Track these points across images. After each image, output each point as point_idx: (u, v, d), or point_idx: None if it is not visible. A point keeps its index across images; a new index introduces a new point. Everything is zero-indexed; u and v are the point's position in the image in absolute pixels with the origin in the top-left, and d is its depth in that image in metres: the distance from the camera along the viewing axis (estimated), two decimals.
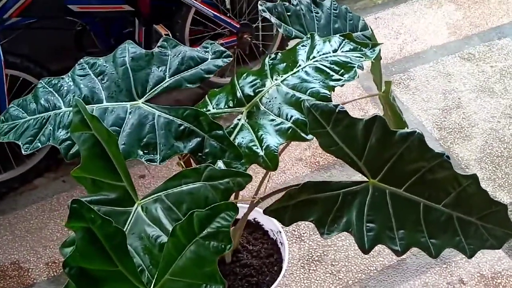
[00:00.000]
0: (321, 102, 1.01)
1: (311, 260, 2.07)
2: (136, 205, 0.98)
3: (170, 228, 0.93)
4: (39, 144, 1.10)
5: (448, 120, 2.57)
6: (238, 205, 1.47)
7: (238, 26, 2.37)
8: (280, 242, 1.76)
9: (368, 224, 0.99)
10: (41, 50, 2.31)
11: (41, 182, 2.35)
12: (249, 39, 2.43)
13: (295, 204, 1.02)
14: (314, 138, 1.06)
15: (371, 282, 2.00)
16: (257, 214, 1.83)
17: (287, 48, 2.66)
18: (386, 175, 1.00)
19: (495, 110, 2.62)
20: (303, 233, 2.15)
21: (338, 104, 1.00)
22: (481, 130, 2.52)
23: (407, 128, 1.39)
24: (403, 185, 1.00)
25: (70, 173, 0.98)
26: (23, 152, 1.11)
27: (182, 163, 1.25)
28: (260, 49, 2.68)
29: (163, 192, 0.97)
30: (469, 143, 2.47)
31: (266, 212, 1.04)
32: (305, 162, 2.40)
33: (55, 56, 2.46)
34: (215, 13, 2.29)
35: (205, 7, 2.26)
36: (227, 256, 1.71)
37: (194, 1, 2.21)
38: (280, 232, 1.76)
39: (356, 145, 0.99)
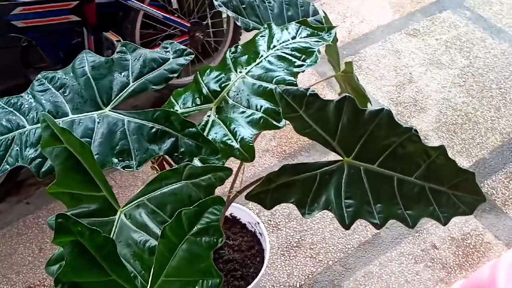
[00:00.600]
0: (291, 87, 1.02)
1: (290, 246, 2.10)
2: (119, 213, 0.96)
3: (157, 231, 0.92)
4: (7, 166, 1.06)
5: (403, 95, 2.66)
6: None
7: (188, 25, 2.36)
8: (259, 233, 1.78)
9: (346, 201, 1.02)
10: None
11: (4, 207, 2.26)
12: (201, 36, 2.42)
13: (275, 188, 1.03)
14: (279, 129, 1.08)
15: (351, 259, 2.05)
16: (233, 209, 1.84)
17: (239, 41, 2.68)
18: (359, 153, 1.03)
19: (445, 80, 2.73)
20: (279, 222, 2.17)
21: (309, 88, 1.02)
22: (434, 101, 2.62)
23: (370, 104, 1.43)
24: (376, 161, 1.03)
25: (46, 190, 0.95)
26: None
27: (156, 166, 1.24)
28: (213, 45, 2.68)
29: (145, 196, 0.96)
30: (425, 114, 2.57)
31: (248, 197, 1.06)
32: (272, 152, 2.43)
33: (2, 76, 2.37)
34: (164, 14, 2.26)
35: (153, 9, 2.23)
36: None
37: (142, 5, 2.18)
38: (258, 223, 1.77)
39: (328, 126, 1.01)
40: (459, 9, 3.14)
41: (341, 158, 1.05)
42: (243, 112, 1.17)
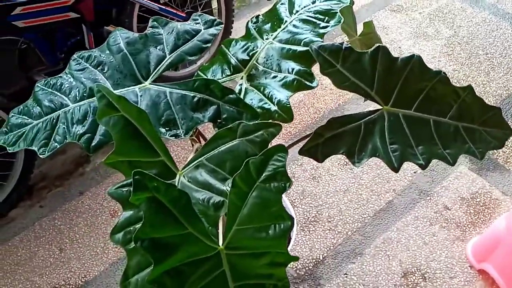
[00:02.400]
0: (327, 43, 1.07)
1: (308, 222, 2.14)
2: (178, 175, 0.99)
3: (220, 186, 0.95)
4: (56, 144, 1.07)
5: None
6: None
7: (184, 15, 2.38)
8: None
9: (391, 146, 1.07)
10: None
11: (18, 213, 2.24)
12: None
13: (324, 141, 1.07)
14: (312, 89, 1.12)
15: (368, 228, 2.11)
16: None
17: (231, 30, 2.71)
18: (396, 100, 1.09)
19: (433, 51, 2.82)
20: (294, 199, 2.22)
21: (343, 42, 1.07)
22: None
23: None
24: (412, 106, 1.09)
25: (103, 162, 0.97)
26: (39, 155, 1.08)
27: (195, 138, 1.27)
28: None
29: (203, 156, 0.99)
30: None
31: (301, 152, 1.10)
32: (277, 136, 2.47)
33: (7, 80, 2.35)
34: (160, 6, 2.28)
35: (148, 2, 2.25)
36: None
37: None
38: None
39: (365, 76, 1.06)
40: None
41: (381, 107, 1.10)
42: (275, 76, 1.21)
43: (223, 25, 1.23)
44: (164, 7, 2.30)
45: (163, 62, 1.15)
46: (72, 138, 1.07)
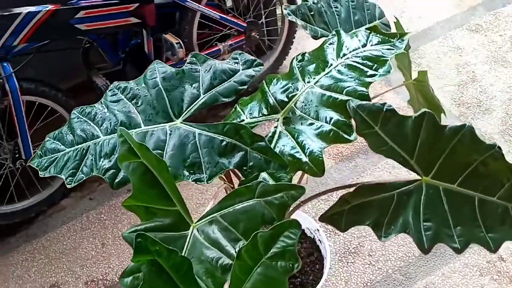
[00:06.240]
0: (366, 102, 0.99)
1: (348, 252, 2.06)
2: (191, 228, 0.97)
3: (230, 248, 0.92)
4: (82, 175, 1.09)
5: (466, 95, 2.55)
6: None
7: (245, 25, 2.35)
8: (319, 240, 1.75)
9: (425, 223, 0.98)
10: (52, 71, 2.30)
11: (69, 203, 2.34)
12: (257, 36, 2.40)
13: (350, 209, 1.00)
14: (350, 142, 1.05)
15: (411, 269, 2.00)
16: (294, 214, 1.82)
17: (294, 40, 2.64)
18: (439, 171, 0.99)
19: (511, 80, 2.60)
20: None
21: (385, 103, 0.99)
22: (500, 101, 2.50)
23: (444, 114, 1.37)
24: (456, 180, 0.99)
25: (122, 204, 0.97)
26: (67, 185, 1.10)
27: (224, 177, 1.24)
28: (266, 44, 2.66)
29: (218, 213, 0.96)
30: (490, 116, 2.45)
31: (322, 219, 1.04)
32: (327, 154, 2.39)
33: (66, 75, 2.45)
34: (221, 14, 2.26)
35: (210, 10, 2.23)
36: None
37: (199, 6, 2.19)
38: (318, 230, 1.75)
39: (406, 143, 0.98)
40: None
41: (419, 178, 1.01)
42: (311, 124, 1.15)
43: (263, 66, 1.18)
44: (224, 15, 2.27)
45: (196, 102, 1.13)
46: (98, 171, 1.08)
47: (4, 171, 2.10)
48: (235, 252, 0.90)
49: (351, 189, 1.01)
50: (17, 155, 2.05)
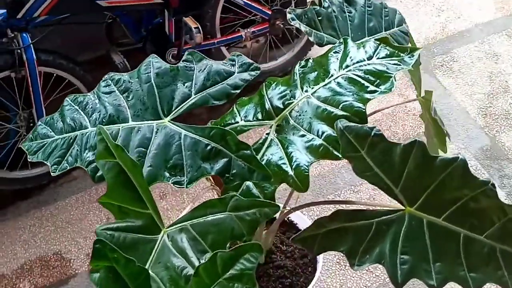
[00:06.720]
0: (355, 124, 0.94)
1: None
2: (162, 233, 0.96)
3: (195, 260, 0.91)
4: (66, 165, 1.09)
5: (494, 105, 2.43)
6: None
7: (269, 12, 2.29)
8: None
9: (402, 256, 0.94)
10: (72, 42, 2.32)
11: (80, 174, 2.39)
12: (282, 25, 2.34)
13: (325, 233, 0.97)
14: (339, 159, 1.01)
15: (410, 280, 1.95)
16: (292, 214, 1.80)
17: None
18: (424, 203, 0.94)
19: None
20: None
21: (374, 127, 0.94)
22: None
23: (449, 138, 1.31)
24: (443, 214, 0.94)
25: (97, 200, 0.97)
26: (51, 173, 1.11)
27: (211, 178, 1.22)
28: (294, 33, 2.59)
29: (189, 221, 0.95)
30: None
31: (294, 241, 1.01)
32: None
33: (86, 47, 2.47)
34: (246, 0, 2.21)
35: None
36: (260, 257, 1.70)
37: None
38: None
39: (392, 171, 0.93)
40: None
41: (403, 208, 0.96)
42: (303, 135, 1.11)
43: (259, 70, 1.14)
44: (249, 2, 2.22)
45: (186, 102, 1.11)
46: (82, 163, 1.08)
47: (19, 138, 2.15)
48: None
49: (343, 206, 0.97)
50: (31, 124, 2.09)
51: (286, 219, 1.81)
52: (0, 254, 2.18)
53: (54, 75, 2.08)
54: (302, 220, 1.77)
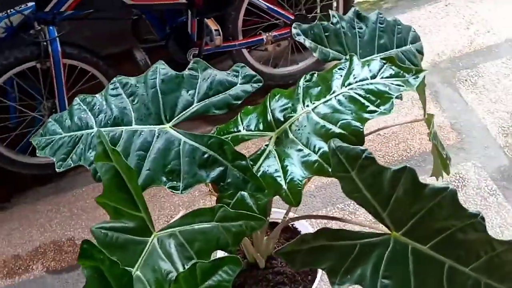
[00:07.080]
0: (347, 145, 0.96)
1: None
2: (152, 236, 1.00)
3: (179, 266, 0.94)
4: (71, 162, 1.14)
5: None
6: (275, 210, 1.46)
7: (292, 17, 2.30)
8: None
9: (383, 280, 0.94)
10: (101, 35, 2.38)
11: None
12: None
13: (309, 249, 0.99)
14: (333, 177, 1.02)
15: None
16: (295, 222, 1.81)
17: None
18: (411, 229, 0.94)
19: None
20: None
21: (366, 149, 0.95)
22: None
23: (449, 161, 1.30)
24: (429, 242, 0.94)
25: (95, 199, 1.02)
26: (56, 170, 1.16)
27: (210, 185, 1.25)
28: None
29: (178, 228, 0.98)
30: None
31: (278, 253, 1.03)
32: None
33: (113, 41, 2.53)
34: (269, 4, 2.23)
35: None
36: (260, 262, 1.72)
37: None
38: None
39: (381, 194, 0.94)
40: None
41: (389, 232, 0.97)
42: (300, 150, 1.13)
43: (261, 83, 1.16)
44: (272, 6, 2.24)
45: (188, 109, 1.14)
46: (85, 162, 1.13)
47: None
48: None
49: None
50: (54, 114, 2.17)
51: (290, 225, 1.83)
52: (17, 235, 2.28)
53: (78, 67, 2.15)
54: (305, 228, 1.78)
